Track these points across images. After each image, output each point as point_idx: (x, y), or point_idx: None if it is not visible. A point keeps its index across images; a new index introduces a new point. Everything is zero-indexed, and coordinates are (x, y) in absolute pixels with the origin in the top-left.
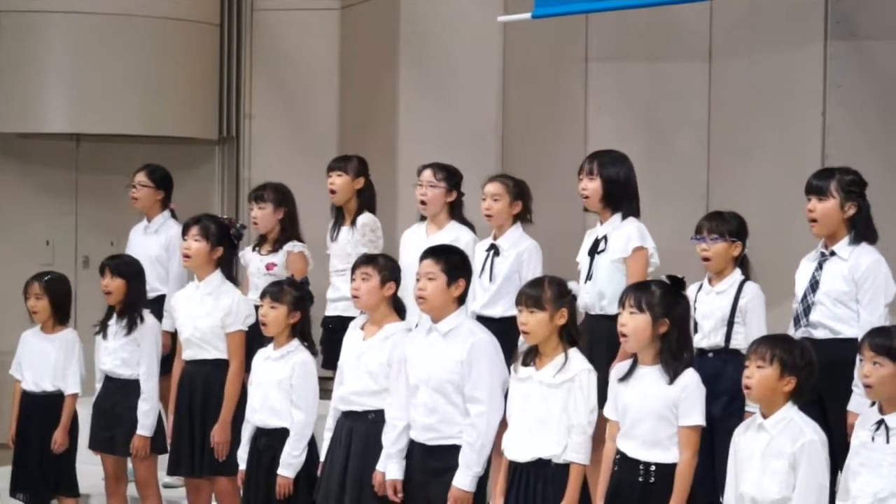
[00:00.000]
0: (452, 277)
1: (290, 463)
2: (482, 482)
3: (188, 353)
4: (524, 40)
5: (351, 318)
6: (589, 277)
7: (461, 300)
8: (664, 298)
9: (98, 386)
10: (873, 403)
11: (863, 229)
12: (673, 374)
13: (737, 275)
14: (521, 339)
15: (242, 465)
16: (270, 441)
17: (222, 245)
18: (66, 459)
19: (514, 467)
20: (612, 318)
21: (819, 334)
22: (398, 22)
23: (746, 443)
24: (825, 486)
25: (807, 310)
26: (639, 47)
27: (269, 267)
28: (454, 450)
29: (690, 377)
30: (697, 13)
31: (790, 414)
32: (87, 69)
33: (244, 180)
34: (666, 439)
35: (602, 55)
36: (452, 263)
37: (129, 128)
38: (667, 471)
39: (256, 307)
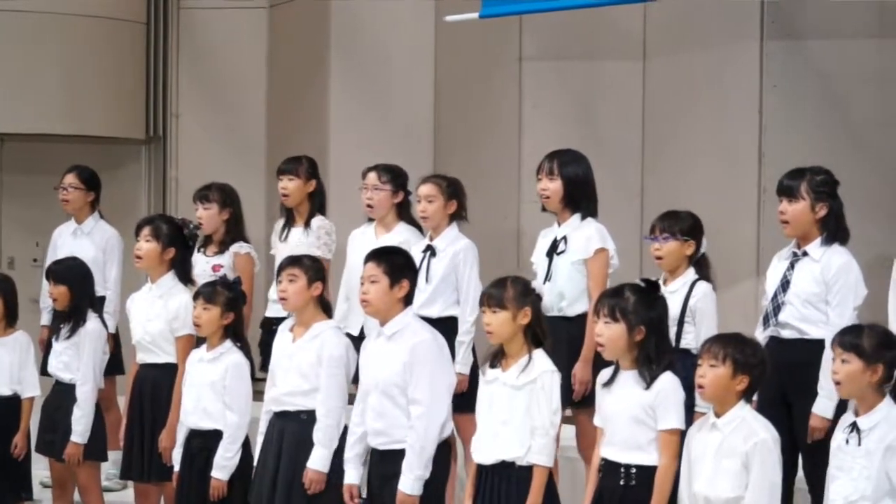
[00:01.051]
0: (395, 279)
1: (223, 465)
2: (434, 484)
3: (140, 357)
4: (457, 40)
5: None
6: (548, 279)
7: (407, 301)
8: (638, 305)
9: None
10: (841, 407)
11: (834, 229)
12: (650, 379)
13: (690, 274)
14: (459, 337)
15: (177, 467)
16: (204, 443)
17: (174, 246)
18: (26, 463)
19: (481, 470)
20: (572, 320)
21: (787, 334)
22: (328, 21)
23: (699, 442)
24: (777, 485)
25: (776, 309)
26: (573, 46)
27: (215, 269)
28: (403, 454)
29: (667, 381)
30: (631, 12)
31: (743, 413)
32: (12, 67)
33: (171, 180)
34: (646, 444)
35: (536, 54)
36: (395, 264)
37: (54, 127)
38: (648, 473)
39: None
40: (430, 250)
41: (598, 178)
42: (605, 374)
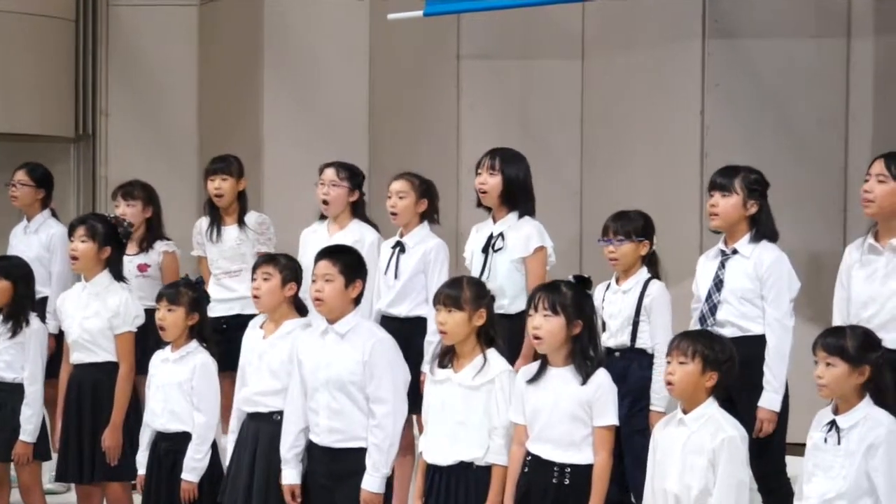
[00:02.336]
0: (350, 279)
1: (193, 467)
2: (391, 483)
3: (76, 356)
4: (393, 38)
5: (249, 317)
6: (485, 275)
7: (357, 301)
8: (575, 299)
9: None
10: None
11: (764, 228)
12: (585, 375)
13: (643, 273)
14: (428, 336)
15: (142, 471)
16: (171, 445)
17: (110, 245)
18: None
19: (434, 471)
20: (512, 318)
21: (727, 332)
22: (262, 20)
23: (666, 438)
24: (745, 483)
25: (713, 308)
26: (511, 45)
27: (142, 268)
28: (360, 453)
29: (603, 377)
30: (570, 11)
31: (711, 410)
32: None
33: (101, 178)
34: (580, 441)
35: (474, 52)
36: (349, 264)
37: None
38: (581, 472)
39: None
40: (400, 246)
41: (537, 177)
42: (530, 370)
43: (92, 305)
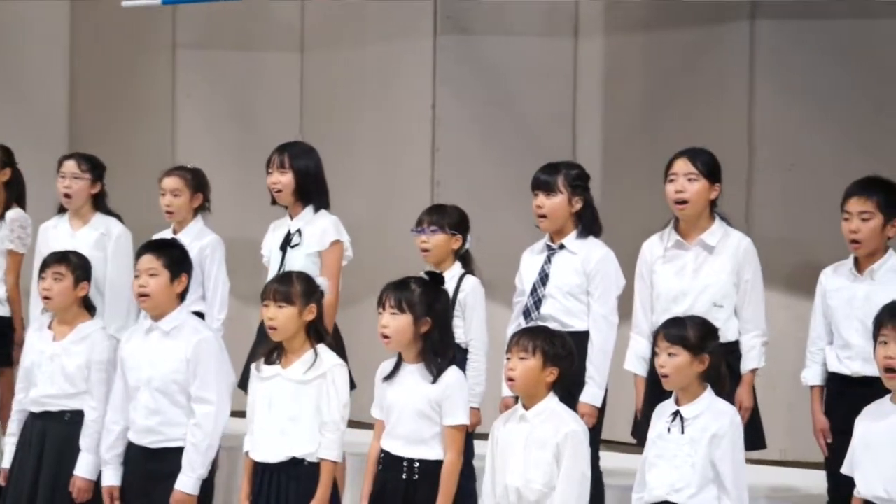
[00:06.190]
0: (175, 273)
1: None
2: (209, 484)
3: None
4: (99, 26)
5: (5, 318)
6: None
7: (182, 296)
8: (424, 296)
9: None
10: None
11: (589, 223)
12: (436, 373)
13: (457, 268)
14: None
15: None
16: None
17: None
18: None
19: (263, 469)
20: None
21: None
22: None
23: (507, 434)
24: (587, 477)
25: (537, 303)
26: (229, 35)
27: None
28: (178, 452)
29: (454, 376)
30: (288, 4)
31: (552, 404)
32: None
33: None
34: (430, 438)
35: (191, 42)
36: (174, 258)
37: None
38: (431, 467)
39: None
40: None
41: (254, 171)
42: (387, 366)
43: None
